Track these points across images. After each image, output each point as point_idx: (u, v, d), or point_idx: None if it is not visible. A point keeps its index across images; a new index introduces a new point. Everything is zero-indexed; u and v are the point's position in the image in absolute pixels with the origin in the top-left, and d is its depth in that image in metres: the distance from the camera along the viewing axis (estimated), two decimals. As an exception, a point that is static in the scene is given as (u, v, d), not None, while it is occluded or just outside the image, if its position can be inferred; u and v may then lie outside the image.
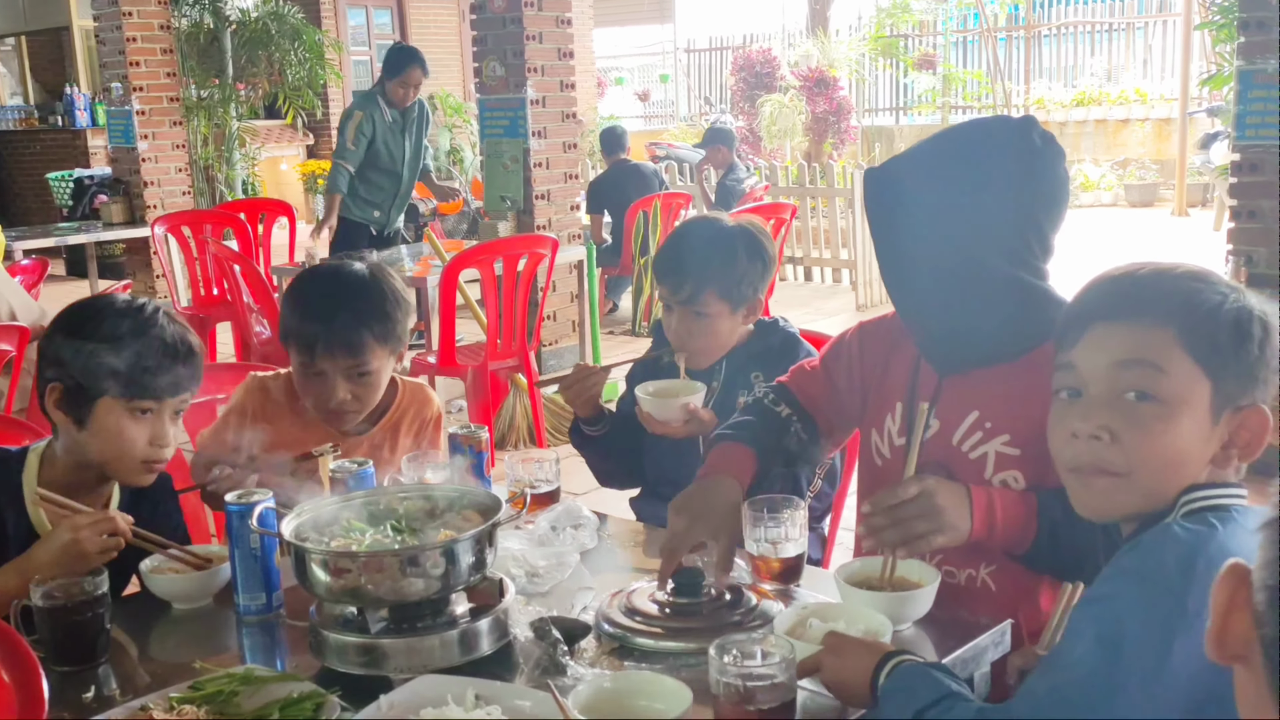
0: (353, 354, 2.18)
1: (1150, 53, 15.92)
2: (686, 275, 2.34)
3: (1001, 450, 1.82)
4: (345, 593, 1.60)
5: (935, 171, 1.83)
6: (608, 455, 2.47)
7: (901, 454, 1.90)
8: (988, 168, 1.80)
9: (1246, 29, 4.21)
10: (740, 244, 2.39)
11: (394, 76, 6.27)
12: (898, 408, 1.95)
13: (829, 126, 11.59)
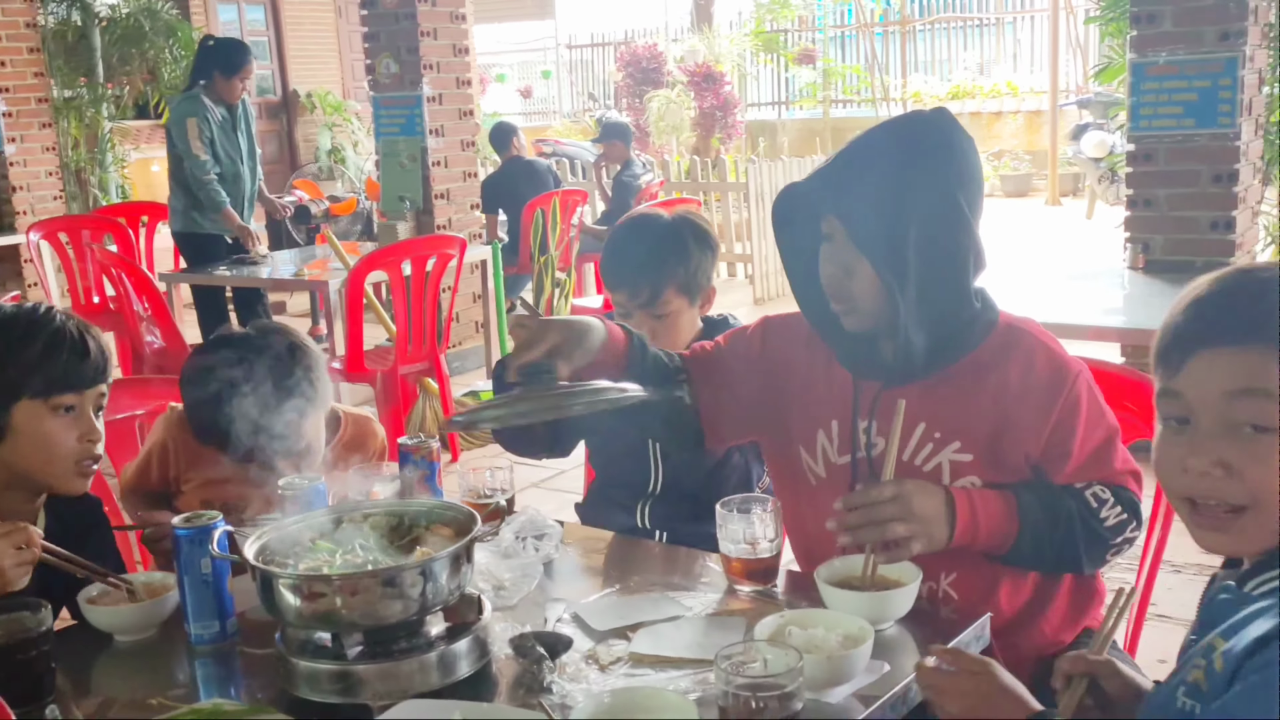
0: (291, 447, 2.05)
1: (1019, 47, 16.41)
2: (644, 278, 2.29)
3: (955, 458, 1.80)
4: (318, 617, 1.52)
5: (870, 180, 1.74)
6: None
7: (842, 472, 1.87)
8: (922, 167, 1.75)
9: (1138, 23, 4.33)
10: (688, 235, 2.36)
11: (233, 72, 5.72)
12: (833, 425, 1.88)
13: (716, 121, 11.65)
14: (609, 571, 1.97)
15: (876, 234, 1.73)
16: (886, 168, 1.74)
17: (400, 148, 6.39)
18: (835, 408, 1.89)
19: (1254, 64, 4.27)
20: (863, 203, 1.73)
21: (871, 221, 1.73)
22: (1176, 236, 4.35)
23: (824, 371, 1.91)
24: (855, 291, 1.78)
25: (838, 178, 1.77)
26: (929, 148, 1.76)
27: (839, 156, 1.80)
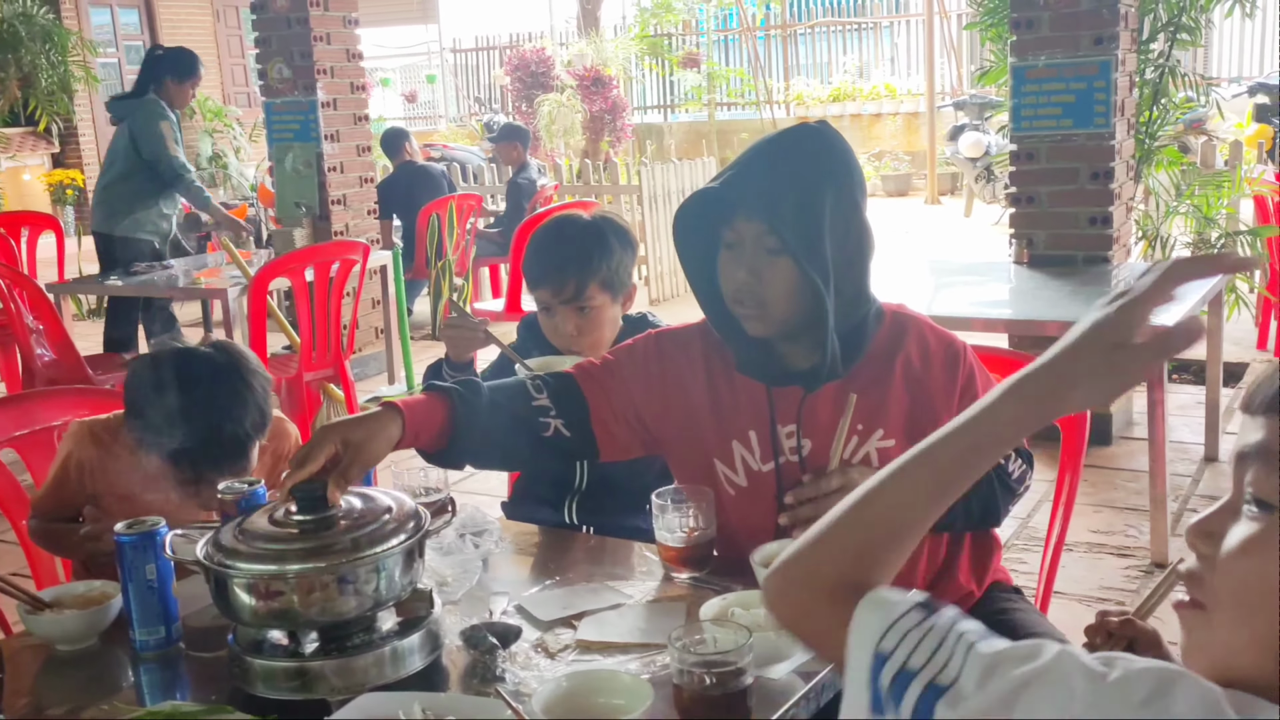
0: (239, 462, 2.07)
1: (897, 51, 16.85)
2: (568, 273, 2.34)
3: (881, 446, 1.88)
4: (274, 615, 1.55)
5: (784, 185, 1.78)
6: None
7: (765, 478, 1.91)
8: (828, 170, 1.80)
9: (1018, 28, 4.53)
10: (610, 232, 2.41)
11: (186, 78, 5.81)
12: (751, 435, 1.92)
13: (605, 125, 11.73)
14: (547, 564, 2.02)
15: (798, 236, 1.76)
16: (797, 173, 1.79)
17: (295, 154, 6.32)
18: (751, 418, 1.91)
19: (1125, 67, 4.50)
20: (781, 206, 1.77)
21: (791, 224, 1.76)
22: (1058, 231, 4.55)
23: (727, 383, 1.94)
24: (767, 296, 1.81)
25: (748, 183, 1.80)
26: (829, 154, 1.82)
27: (745, 163, 1.83)
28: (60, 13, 11.89)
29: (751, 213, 1.80)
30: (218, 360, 2.08)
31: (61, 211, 11.78)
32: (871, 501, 1.01)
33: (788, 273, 1.79)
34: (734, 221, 1.82)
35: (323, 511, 1.58)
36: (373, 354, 6.44)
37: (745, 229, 1.81)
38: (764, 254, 1.80)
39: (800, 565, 1.04)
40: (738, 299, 1.84)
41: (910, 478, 1.01)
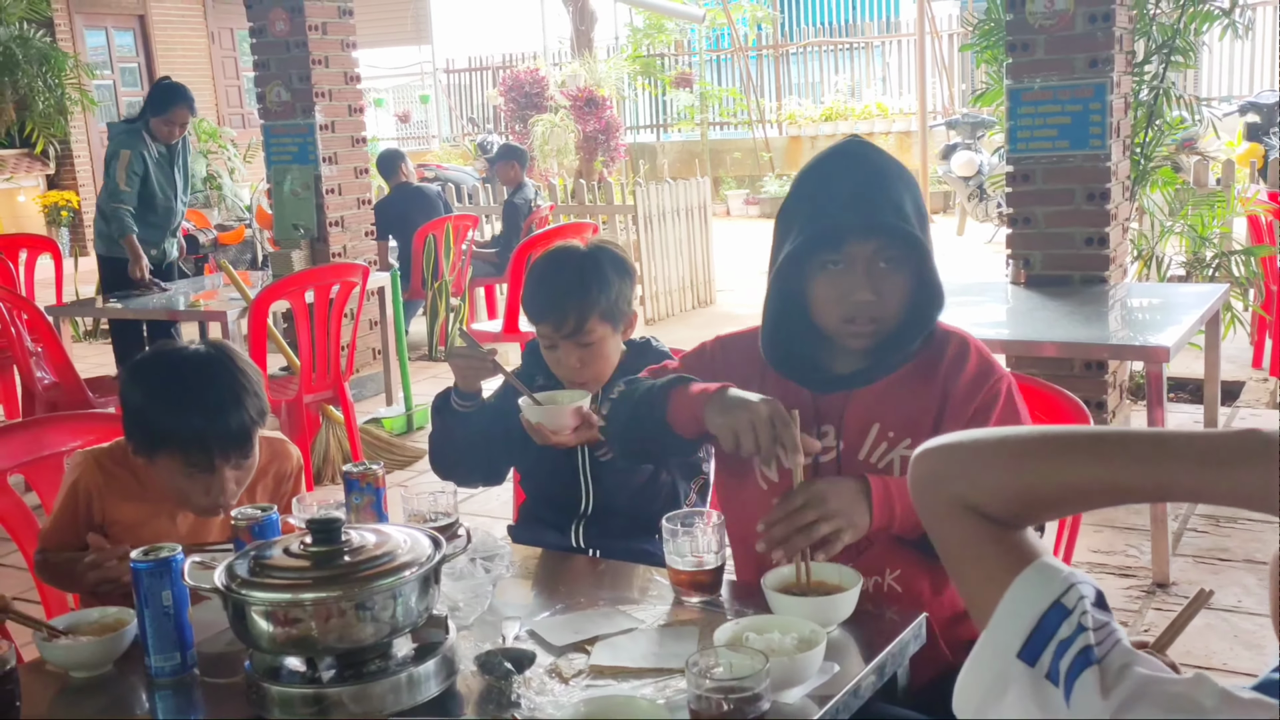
0: (244, 447, 2.07)
1: (888, 70, 16.93)
2: (568, 310, 2.33)
3: (906, 454, 1.91)
4: (292, 642, 1.56)
5: (890, 203, 1.83)
6: (465, 433, 2.43)
7: (790, 477, 1.92)
8: (906, 179, 1.88)
9: (1013, 51, 4.57)
10: (607, 263, 2.43)
11: (159, 114, 5.83)
12: None
13: (599, 145, 11.77)
14: (557, 588, 2.03)
15: (912, 244, 1.84)
16: (889, 184, 1.85)
17: (293, 176, 6.34)
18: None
19: (1120, 89, 4.54)
20: (891, 219, 1.82)
21: (904, 234, 1.83)
22: (1054, 252, 4.58)
23: (773, 381, 2.00)
24: (885, 311, 1.88)
25: (851, 206, 1.83)
26: (894, 161, 1.90)
27: (830, 187, 1.85)
28: (56, 35, 11.92)
29: (868, 233, 1.84)
30: (209, 354, 2.10)
31: (57, 233, 11.79)
32: (1063, 466, 0.98)
33: (903, 283, 1.87)
34: (843, 247, 1.85)
35: (338, 541, 1.59)
36: (370, 375, 6.45)
37: (858, 250, 1.85)
38: (880, 269, 1.86)
39: (967, 463, 1.02)
40: (852, 316, 1.88)
41: (1117, 472, 0.96)
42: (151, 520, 2.16)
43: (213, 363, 2.07)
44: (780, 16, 17.60)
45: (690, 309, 8.77)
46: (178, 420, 2.01)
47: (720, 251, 9.60)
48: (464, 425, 2.40)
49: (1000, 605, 0.95)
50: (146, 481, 2.15)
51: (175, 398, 2.03)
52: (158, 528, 2.15)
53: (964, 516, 1.02)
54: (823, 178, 1.89)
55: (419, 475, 5.10)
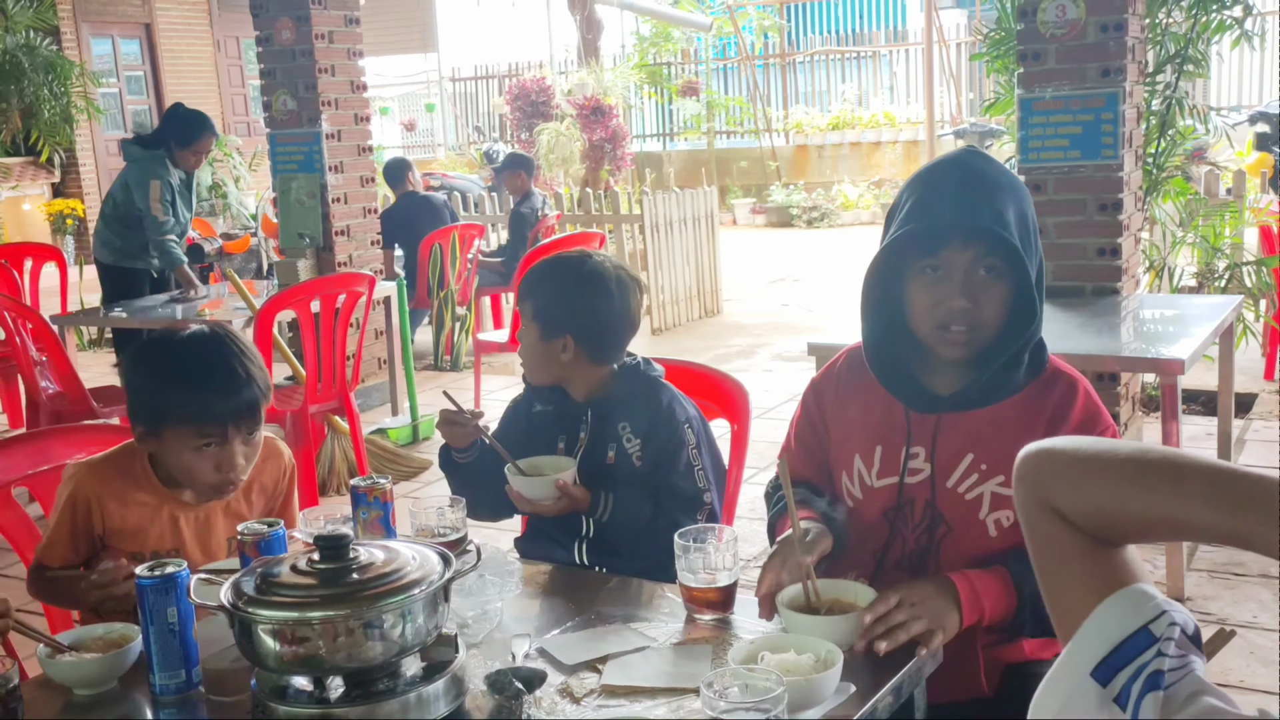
0: (255, 418, 2.08)
1: (895, 78, 16.91)
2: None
3: (997, 491, 1.88)
4: (299, 661, 1.53)
5: (997, 211, 1.79)
6: (474, 482, 2.42)
7: (876, 494, 1.96)
8: (1019, 190, 1.85)
9: (1024, 60, 4.54)
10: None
11: (187, 145, 5.87)
12: (876, 450, 1.97)
13: (605, 154, 11.75)
14: (568, 605, 1.99)
15: (1015, 257, 1.80)
16: (1000, 194, 1.81)
17: (299, 184, 6.33)
18: (881, 433, 1.97)
19: (1132, 99, 4.51)
20: (997, 228, 1.78)
21: (1008, 246, 1.79)
22: (1066, 263, 4.54)
23: (881, 400, 1.99)
24: (982, 318, 1.85)
25: (956, 212, 1.81)
26: (1009, 174, 1.88)
27: (938, 194, 1.83)
28: (62, 43, 11.93)
29: (969, 238, 1.81)
30: (211, 332, 2.12)
31: (62, 241, 11.79)
32: (1136, 495, 0.96)
33: (1002, 294, 1.83)
34: (940, 251, 1.83)
35: (346, 558, 1.57)
36: (376, 385, 6.42)
37: (956, 255, 1.83)
38: (980, 276, 1.83)
39: (1061, 471, 1.01)
40: (946, 323, 1.85)
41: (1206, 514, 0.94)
42: (153, 524, 2.14)
43: (216, 339, 2.10)
44: (787, 25, 17.60)
45: (697, 319, 8.75)
46: (190, 394, 2.03)
47: (727, 261, 9.57)
48: (469, 473, 2.41)
49: (1086, 623, 0.94)
50: (146, 484, 2.13)
51: (185, 373, 2.05)
52: (161, 531, 2.14)
53: (1054, 523, 1.01)
54: (929, 181, 1.87)
55: (425, 486, 5.08)
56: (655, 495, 2.34)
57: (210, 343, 2.09)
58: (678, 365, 2.70)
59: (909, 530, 1.95)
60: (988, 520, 1.89)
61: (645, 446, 2.34)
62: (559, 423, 2.43)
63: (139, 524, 2.13)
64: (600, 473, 2.33)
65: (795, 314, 8.86)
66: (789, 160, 15.93)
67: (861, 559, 1.96)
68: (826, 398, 2.09)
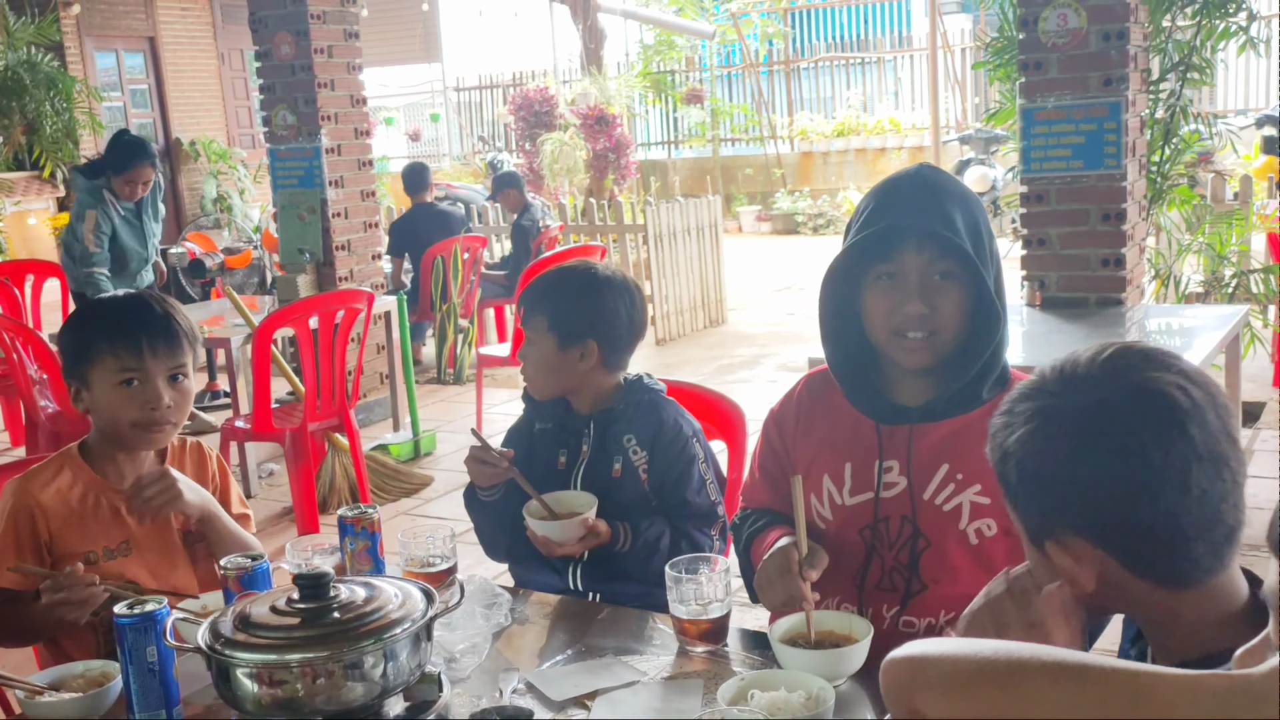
0: (173, 350, 2.11)
1: (900, 84, 16.86)
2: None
3: (975, 500, 1.87)
4: (279, 704, 1.49)
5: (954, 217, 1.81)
6: (499, 522, 2.39)
7: (851, 512, 1.94)
8: (971, 199, 1.87)
9: (1026, 70, 4.50)
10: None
11: (121, 172, 5.72)
12: (846, 468, 1.96)
13: (609, 163, 11.70)
14: (558, 636, 1.96)
15: (969, 260, 1.81)
16: (955, 201, 1.83)
17: (299, 200, 6.31)
18: (849, 451, 1.96)
19: (1135, 108, 4.47)
20: (952, 232, 1.80)
21: (961, 250, 1.80)
22: (1069, 273, 4.51)
23: (833, 417, 2.00)
24: (939, 323, 1.85)
25: (912, 216, 1.82)
26: (962, 186, 1.90)
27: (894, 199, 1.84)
28: (65, 57, 11.94)
29: (922, 243, 1.82)
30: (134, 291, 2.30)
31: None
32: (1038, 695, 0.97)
33: (958, 298, 1.84)
34: (895, 256, 1.84)
35: (326, 597, 1.53)
36: (377, 400, 6.40)
37: (911, 261, 1.84)
38: (935, 281, 1.84)
39: (949, 690, 1.01)
40: (902, 329, 1.86)
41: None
42: (95, 518, 2.11)
43: (138, 293, 2.25)
44: (791, 32, 17.55)
45: (702, 328, 8.71)
46: (106, 324, 2.11)
47: (732, 269, 9.54)
48: (495, 511, 2.36)
49: None
50: (81, 478, 2.13)
51: (102, 309, 2.20)
52: (105, 525, 2.11)
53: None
54: (884, 191, 1.89)
55: (426, 503, 5.05)
56: (667, 513, 2.31)
57: (132, 295, 2.23)
58: (674, 385, 2.67)
59: (886, 549, 1.92)
60: (968, 530, 1.88)
61: (652, 459, 2.32)
62: (559, 438, 2.41)
63: (82, 520, 2.10)
64: (606, 487, 2.30)
65: (800, 323, 8.81)
66: (794, 167, 15.89)
67: (840, 584, 1.93)
68: (787, 425, 2.09)
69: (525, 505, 2.22)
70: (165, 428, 2.12)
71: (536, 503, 2.21)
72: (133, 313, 2.13)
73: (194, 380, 2.19)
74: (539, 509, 2.21)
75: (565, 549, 2.21)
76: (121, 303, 2.19)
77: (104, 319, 2.14)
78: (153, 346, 2.08)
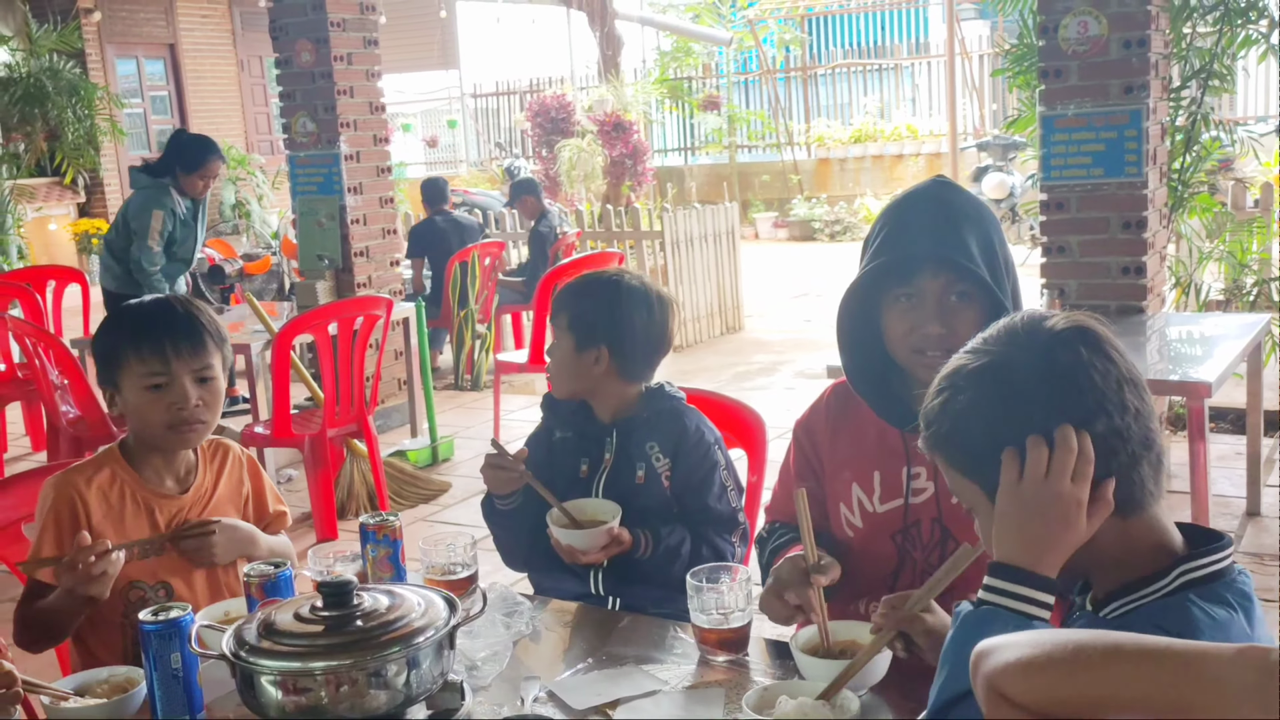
0: (198, 351, 2.12)
1: (918, 91, 16.84)
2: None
3: None
4: (301, 712, 1.50)
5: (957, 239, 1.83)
6: (517, 530, 2.39)
7: (881, 520, 1.96)
8: (986, 218, 1.88)
9: (1046, 77, 4.49)
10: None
11: (192, 170, 5.79)
12: (875, 476, 1.98)
13: (626, 169, 11.72)
14: (579, 645, 1.96)
15: (985, 283, 1.81)
16: (968, 222, 1.85)
17: (318, 206, 6.34)
18: (877, 459, 1.98)
19: (1156, 115, 4.45)
20: (967, 256, 1.82)
21: (977, 272, 1.81)
22: (1090, 281, 4.49)
23: (853, 427, 2.03)
24: (959, 343, 1.83)
25: (928, 241, 1.84)
26: (977, 202, 1.91)
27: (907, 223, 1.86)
28: (86, 64, 12.02)
29: (938, 269, 1.84)
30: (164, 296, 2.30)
31: (87, 261, 11.87)
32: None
33: (974, 317, 1.84)
34: (912, 280, 1.86)
35: (350, 605, 1.54)
36: (395, 405, 6.41)
37: (928, 285, 1.86)
38: (952, 303, 1.85)
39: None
40: (921, 348, 1.87)
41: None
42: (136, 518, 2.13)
43: (167, 297, 2.25)
44: (808, 38, 17.56)
45: (719, 335, 8.70)
46: (133, 327, 2.14)
47: (749, 276, 9.53)
48: (513, 520, 2.37)
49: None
50: (123, 477, 2.15)
51: (131, 314, 2.21)
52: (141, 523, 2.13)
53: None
54: (900, 211, 1.90)
55: (444, 509, 5.05)
56: (687, 520, 2.32)
57: (157, 299, 2.24)
58: (693, 393, 2.67)
59: (918, 551, 1.95)
60: None
61: (675, 467, 2.34)
62: (580, 446, 2.41)
63: (120, 518, 2.13)
64: (628, 494, 2.31)
65: (818, 330, 8.80)
66: (811, 174, 15.88)
67: (873, 586, 1.95)
68: (817, 434, 2.11)
69: (548, 513, 2.23)
70: (196, 427, 2.14)
71: (559, 511, 2.22)
72: (157, 316, 2.16)
73: (223, 380, 2.21)
74: (561, 517, 2.21)
75: (589, 557, 2.21)
76: (147, 307, 2.21)
77: (130, 324, 2.17)
78: (176, 348, 2.10)
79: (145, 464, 2.18)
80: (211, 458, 2.27)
